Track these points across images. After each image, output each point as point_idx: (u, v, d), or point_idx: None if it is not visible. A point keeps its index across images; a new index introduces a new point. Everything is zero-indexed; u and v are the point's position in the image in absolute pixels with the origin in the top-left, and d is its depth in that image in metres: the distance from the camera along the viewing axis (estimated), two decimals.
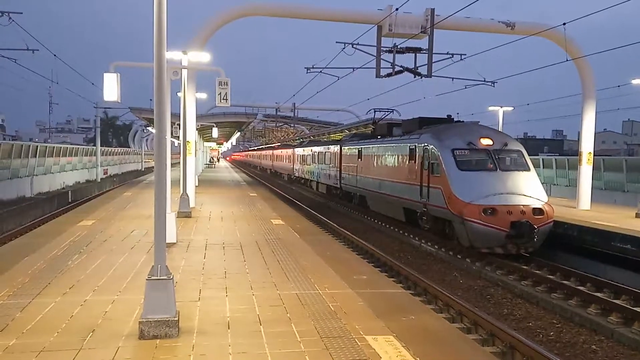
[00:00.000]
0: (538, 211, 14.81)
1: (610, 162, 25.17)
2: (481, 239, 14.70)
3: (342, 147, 28.82)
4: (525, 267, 13.83)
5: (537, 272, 13.35)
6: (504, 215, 14.43)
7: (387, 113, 28.38)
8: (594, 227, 15.31)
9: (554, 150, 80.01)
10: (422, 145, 17.68)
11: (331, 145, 32.15)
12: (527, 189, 15.37)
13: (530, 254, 14.95)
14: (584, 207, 20.33)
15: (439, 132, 17.50)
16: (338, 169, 29.33)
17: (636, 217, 17.79)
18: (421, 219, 17.99)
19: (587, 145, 20.61)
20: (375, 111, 28.34)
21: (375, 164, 22.78)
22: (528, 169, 16.14)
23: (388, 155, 21.22)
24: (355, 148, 26.03)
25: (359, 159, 25.17)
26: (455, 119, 20.29)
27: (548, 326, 10.01)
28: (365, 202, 24.77)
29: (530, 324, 10.16)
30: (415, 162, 18.27)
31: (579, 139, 21.75)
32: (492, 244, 14.69)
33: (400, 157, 19.85)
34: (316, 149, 36.05)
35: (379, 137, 23.99)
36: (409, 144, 19.00)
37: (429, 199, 16.90)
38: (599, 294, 11.33)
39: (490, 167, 15.85)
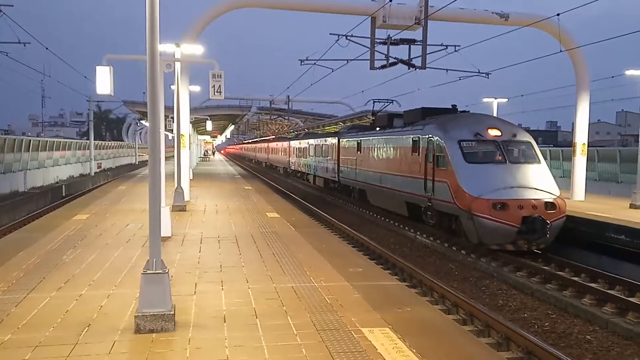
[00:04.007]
0: (550, 205, 14.14)
1: (604, 153, 25.29)
2: (491, 235, 14.08)
3: (340, 140, 28.19)
4: (519, 258, 13.85)
5: (532, 263, 13.39)
6: (515, 210, 13.77)
7: (386, 104, 27.49)
8: (588, 218, 15.37)
9: (548, 141, 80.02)
10: (426, 136, 17.04)
11: (329, 137, 31.61)
12: (539, 182, 14.74)
13: (541, 250, 14.30)
14: (578, 198, 20.42)
15: (444, 122, 16.87)
16: (336, 162, 28.76)
17: (630, 207, 17.88)
18: (426, 214, 17.45)
19: (581, 137, 20.68)
20: (374, 102, 27.37)
21: (375, 156, 22.13)
22: (539, 161, 15.52)
23: (389, 147, 20.54)
24: (354, 140, 25.43)
25: (358, 152, 24.57)
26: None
27: (543, 317, 10.06)
28: (365, 196, 24.21)
29: (526, 314, 10.21)
30: (418, 154, 17.60)
31: (573, 130, 21.80)
32: (502, 240, 14.04)
33: (402, 149, 19.20)
34: (313, 141, 35.50)
35: (378, 128, 23.36)
36: (411, 136, 18.33)
37: (434, 193, 16.28)
38: (593, 285, 11.39)
39: (499, 159, 15.21)
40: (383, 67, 19.80)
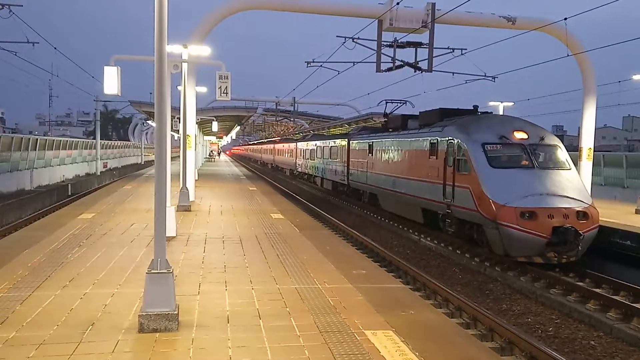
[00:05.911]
0: (583, 215, 13.10)
1: (610, 158, 25.19)
2: (518, 247, 13.03)
3: (351, 141, 27.35)
4: (524, 263, 13.79)
5: (536, 268, 13.33)
6: (545, 220, 12.73)
7: (399, 104, 26.21)
8: None
9: None
10: (446, 139, 15.93)
11: (338, 139, 30.86)
12: (569, 189, 13.68)
13: (572, 263, 13.23)
14: None
15: (465, 124, 15.79)
16: (345, 165, 27.88)
17: (636, 213, 17.81)
18: (444, 221, 16.54)
19: (587, 141, 20.58)
20: (386, 102, 26.02)
21: (389, 159, 21.07)
22: (569, 167, 14.58)
23: (404, 149, 19.47)
24: (366, 142, 24.58)
25: (370, 154, 23.65)
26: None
27: (547, 322, 10.03)
28: (376, 201, 23.34)
29: (529, 319, 10.18)
30: (437, 157, 16.51)
31: (579, 134, 21.74)
32: (531, 252, 13.02)
33: (419, 152, 18.10)
34: (321, 143, 34.70)
35: (390, 130, 22.38)
36: (429, 138, 17.22)
37: (454, 199, 15.21)
38: (598, 290, 11.35)
39: (526, 164, 14.15)
40: (389, 69, 19.83)
